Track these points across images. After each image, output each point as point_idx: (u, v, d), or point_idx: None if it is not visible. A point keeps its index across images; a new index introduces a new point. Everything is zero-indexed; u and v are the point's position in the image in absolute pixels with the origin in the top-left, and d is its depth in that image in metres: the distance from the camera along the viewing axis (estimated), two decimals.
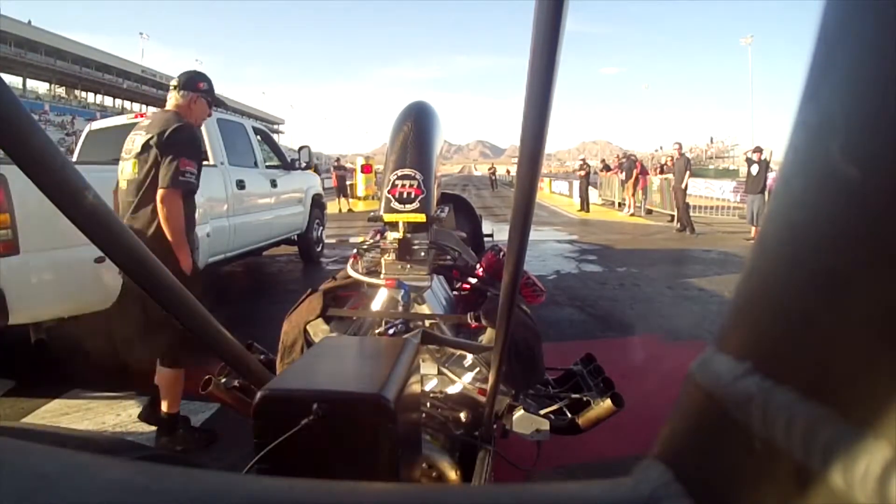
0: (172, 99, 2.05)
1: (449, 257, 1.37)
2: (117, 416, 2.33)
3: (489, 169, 30.10)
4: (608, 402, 1.10)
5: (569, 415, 1.16)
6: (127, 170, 2.00)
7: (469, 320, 1.18)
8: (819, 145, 0.15)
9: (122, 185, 2.02)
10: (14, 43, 36.09)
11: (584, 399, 1.17)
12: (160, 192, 1.86)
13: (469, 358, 1.18)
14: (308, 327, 1.21)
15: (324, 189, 6.57)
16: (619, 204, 13.35)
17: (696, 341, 3.24)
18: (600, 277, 5.31)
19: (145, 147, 1.91)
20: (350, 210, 13.14)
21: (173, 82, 2.07)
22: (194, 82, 2.06)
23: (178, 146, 1.88)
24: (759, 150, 8.05)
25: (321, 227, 6.15)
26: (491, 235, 2.88)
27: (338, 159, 16.74)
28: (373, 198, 14.71)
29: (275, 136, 6.28)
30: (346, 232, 8.74)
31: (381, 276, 1.26)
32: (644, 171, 12.41)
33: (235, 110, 45.95)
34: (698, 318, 3.80)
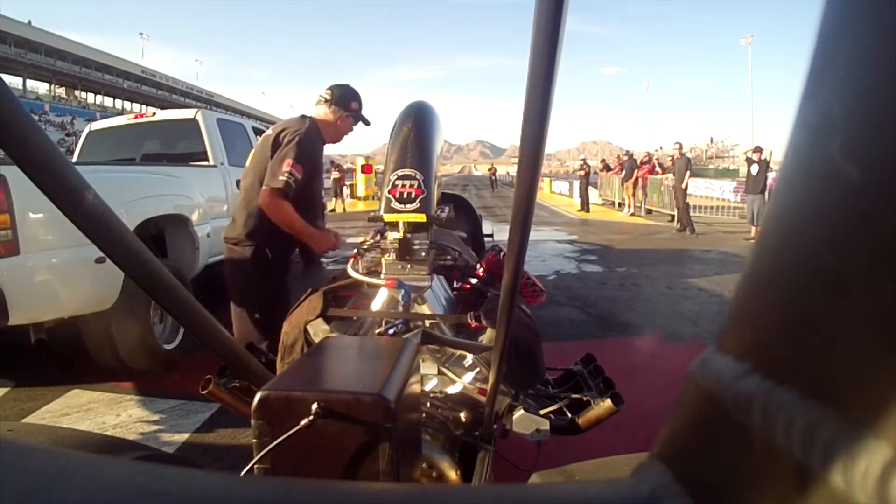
0: (321, 111, 2.08)
1: (449, 257, 1.37)
2: (117, 416, 2.33)
3: (489, 169, 30.09)
4: (608, 401, 1.10)
5: (569, 415, 1.16)
6: (247, 161, 2.19)
7: (469, 320, 1.18)
8: (819, 145, 0.15)
9: (242, 175, 2.20)
10: (14, 43, 36.08)
11: (585, 399, 1.17)
12: (262, 191, 1.92)
13: (469, 358, 1.18)
14: (308, 327, 1.21)
15: (324, 189, 6.58)
16: (619, 204, 13.35)
17: (696, 341, 3.24)
18: (600, 277, 5.31)
19: (264, 140, 2.06)
20: (344, 210, 13.05)
21: (325, 95, 2.09)
22: (347, 102, 2.09)
23: (286, 147, 1.93)
24: (759, 150, 8.05)
25: None
26: (491, 235, 2.88)
27: (331, 161, 16.60)
28: (373, 198, 14.71)
29: None
30: (345, 232, 8.74)
31: (381, 276, 1.26)
32: (651, 166, 12.40)
33: (235, 110, 45.91)
34: (698, 317, 3.80)
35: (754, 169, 7.93)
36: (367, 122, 2.22)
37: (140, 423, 2.26)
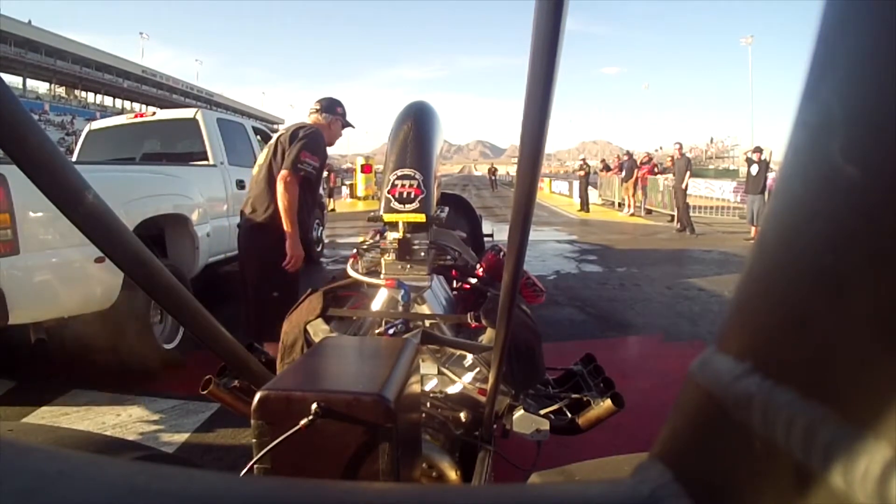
0: (313, 119, 2.42)
1: (449, 257, 1.37)
2: (117, 416, 2.33)
3: (489, 169, 30.06)
4: (608, 402, 1.10)
5: (569, 415, 1.16)
6: (259, 158, 2.44)
7: (469, 320, 1.18)
8: (819, 145, 0.15)
9: (255, 170, 2.42)
10: (14, 43, 36.07)
11: (585, 399, 1.17)
12: (281, 173, 2.18)
13: (469, 358, 1.18)
14: (308, 327, 1.21)
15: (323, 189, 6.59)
16: (619, 204, 13.35)
17: (696, 341, 3.24)
18: (600, 277, 5.31)
19: (277, 141, 2.32)
20: (333, 210, 13.04)
21: (315, 106, 2.46)
22: (334, 107, 2.45)
23: (303, 140, 2.20)
24: (759, 150, 8.05)
25: (321, 227, 6.15)
26: (491, 235, 2.88)
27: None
28: (372, 198, 14.70)
29: None
30: (342, 232, 8.73)
31: (381, 276, 1.26)
32: (651, 166, 12.43)
33: (235, 110, 45.88)
34: (698, 317, 3.80)
35: (754, 169, 7.93)
36: (352, 126, 2.58)
37: (140, 423, 2.26)
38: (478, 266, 1.51)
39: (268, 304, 2.17)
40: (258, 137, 4.80)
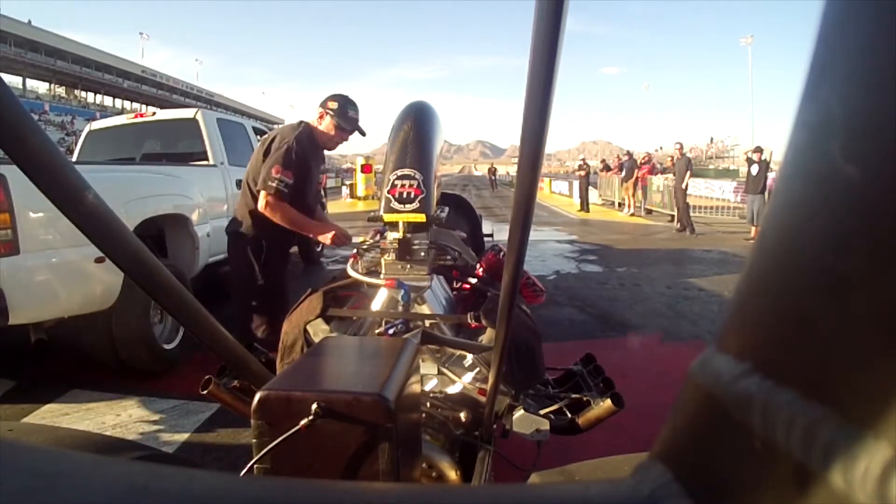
0: (313, 116, 2.27)
1: (449, 257, 1.37)
2: (117, 416, 2.32)
3: (489, 169, 30.06)
4: (608, 402, 1.10)
5: (569, 415, 1.16)
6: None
7: (469, 320, 1.18)
8: (819, 145, 0.15)
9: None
10: (14, 43, 36.06)
11: (584, 399, 1.17)
12: (259, 196, 2.08)
13: (469, 358, 1.18)
14: (308, 327, 1.21)
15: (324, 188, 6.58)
16: (619, 204, 13.35)
17: (696, 341, 3.24)
18: (600, 277, 5.31)
19: (261, 145, 2.25)
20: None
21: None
22: (325, 101, 2.23)
23: (274, 155, 2.10)
24: (759, 150, 8.05)
25: None
26: (491, 235, 2.88)
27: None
28: (372, 198, 14.70)
29: None
30: None
31: (381, 276, 1.26)
32: (650, 166, 12.46)
33: (235, 110, 45.87)
34: (698, 317, 3.80)
35: (754, 169, 7.93)
36: (352, 128, 2.28)
37: (140, 423, 2.26)
38: (478, 266, 1.51)
39: (248, 310, 2.16)
40: (258, 138, 4.80)
